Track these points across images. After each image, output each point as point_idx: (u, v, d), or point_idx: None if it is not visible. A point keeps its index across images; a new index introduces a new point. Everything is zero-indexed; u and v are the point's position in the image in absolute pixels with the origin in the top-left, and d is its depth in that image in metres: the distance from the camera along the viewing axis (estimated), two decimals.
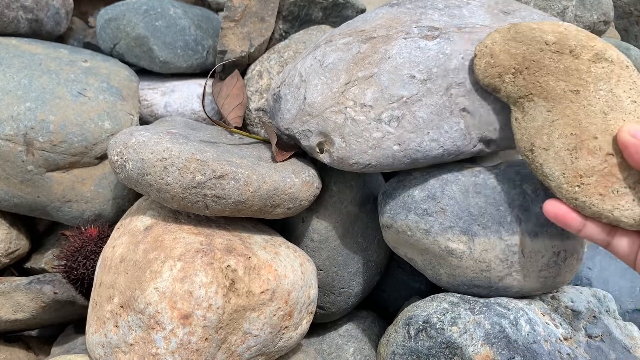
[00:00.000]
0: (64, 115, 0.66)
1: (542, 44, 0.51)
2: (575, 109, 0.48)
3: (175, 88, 0.77)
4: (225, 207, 0.54)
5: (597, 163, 0.47)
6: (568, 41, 0.50)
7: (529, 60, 0.51)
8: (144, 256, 0.51)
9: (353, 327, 0.71)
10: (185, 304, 0.48)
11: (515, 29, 0.52)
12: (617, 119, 0.47)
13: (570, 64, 0.49)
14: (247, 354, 0.53)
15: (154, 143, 0.53)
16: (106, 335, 0.51)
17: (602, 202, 0.46)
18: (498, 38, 0.53)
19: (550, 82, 0.50)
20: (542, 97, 0.50)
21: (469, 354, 0.53)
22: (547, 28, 0.51)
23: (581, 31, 0.51)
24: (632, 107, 0.47)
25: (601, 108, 0.48)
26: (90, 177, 0.68)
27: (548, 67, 0.50)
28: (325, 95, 0.57)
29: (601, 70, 0.49)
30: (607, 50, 0.49)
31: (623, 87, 0.48)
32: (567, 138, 0.48)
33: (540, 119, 0.50)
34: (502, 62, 0.52)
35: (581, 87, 0.49)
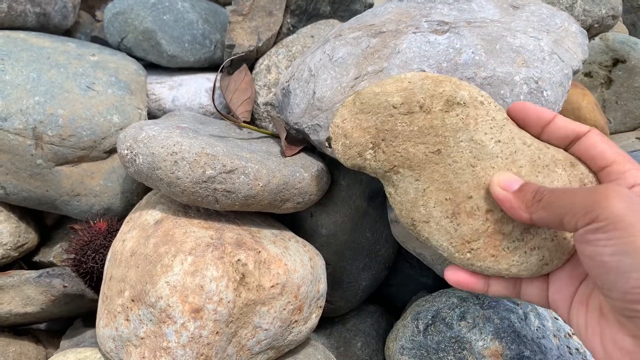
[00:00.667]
0: (73, 109, 0.66)
1: (390, 109, 0.46)
2: (442, 171, 0.45)
3: (183, 82, 0.77)
4: (235, 202, 0.54)
5: (480, 224, 0.43)
6: (415, 97, 0.45)
7: (383, 130, 0.46)
8: (155, 250, 0.51)
9: (361, 321, 0.71)
10: (196, 297, 0.48)
11: (359, 99, 0.47)
12: (486, 168, 0.43)
13: (423, 122, 0.45)
14: (257, 347, 0.53)
15: (164, 137, 0.53)
16: (117, 329, 0.52)
17: (496, 264, 0.44)
18: (347, 114, 0.48)
19: (410, 149, 0.45)
20: (407, 167, 0.46)
21: (478, 349, 0.53)
22: (390, 89, 0.46)
23: (426, 78, 0.46)
24: (498, 148, 0.44)
25: (467, 161, 0.44)
26: (99, 171, 0.68)
27: (402, 133, 0.46)
28: (334, 90, 0.57)
29: (456, 119, 0.44)
30: (457, 92, 0.45)
31: (483, 129, 0.44)
32: (443, 205, 0.44)
33: (412, 190, 0.46)
34: (358, 140, 0.47)
35: (441, 144, 0.44)
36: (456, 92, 0.45)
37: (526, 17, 0.59)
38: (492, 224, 0.43)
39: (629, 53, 0.83)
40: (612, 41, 0.84)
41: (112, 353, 0.52)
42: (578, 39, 0.65)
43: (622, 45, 0.83)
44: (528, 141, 0.44)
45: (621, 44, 0.83)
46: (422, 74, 0.46)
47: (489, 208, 0.43)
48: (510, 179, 0.42)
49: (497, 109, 0.45)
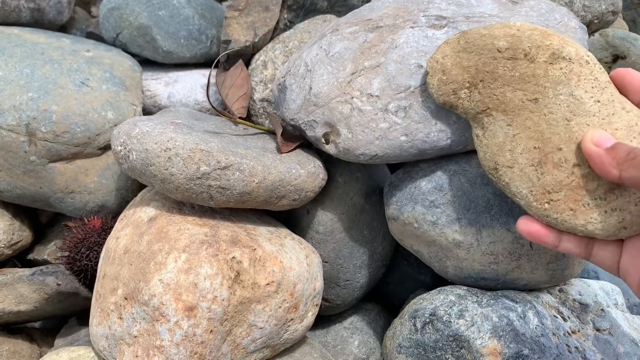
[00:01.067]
0: (67, 105, 0.65)
1: (494, 52, 0.47)
2: (536, 120, 0.45)
3: (178, 78, 0.77)
4: (230, 198, 0.53)
5: (564, 177, 0.43)
6: (521, 44, 0.46)
7: (483, 71, 0.47)
8: (148, 247, 0.51)
9: (358, 319, 0.70)
10: (190, 295, 0.48)
11: (465, 38, 0.48)
12: (580, 124, 0.43)
13: (526, 69, 0.46)
14: (253, 346, 0.52)
15: (157, 133, 0.52)
16: (110, 327, 0.51)
17: (574, 218, 0.43)
18: (448, 51, 0.49)
19: (507, 94, 0.46)
20: (501, 111, 0.46)
21: (477, 347, 0.52)
22: (498, 32, 0.47)
23: (535, 29, 0.47)
24: (596, 107, 0.44)
25: (563, 115, 0.44)
26: (94, 167, 0.67)
27: (503, 76, 0.46)
28: (331, 85, 0.57)
29: (559, 72, 0.45)
30: (564, 47, 0.45)
31: (584, 87, 0.44)
32: (531, 152, 0.45)
33: (501, 134, 0.46)
34: (455, 78, 0.48)
35: (540, 94, 0.45)
36: (563, 47, 0.45)
37: (525, 12, 0.58)
38: (577, 178, 0.43)
39: (629, 49, 0.82)
40: (612, 37, 0.83)
41: (105, 352, 0.52)
42: (578, 34, 0.64)
43: (622, 42, 0.82)
44: (628, 107, 0.44)
45: (621, 40, 0.82)
46: (532, 25, 0.47)
47: (576, 162, 0.43)
48: (604, 136, 0.41)
49: (601, 71, 0.45)
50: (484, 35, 0.47)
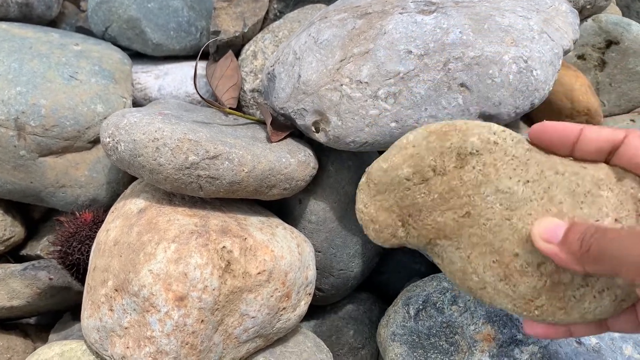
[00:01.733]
0: (56, 99, 0.65)
1: (404, 183, 0.43)
2: (479, 233, 0.40)
3: (168, 71, 0.76)
4: (220, 188, 0.53)
5: (536, 281, 0.39)
6: (424, 161, 0.42)
7: (405, 207, 0.43)
8: (138, 238, 0.50)
9: (353, 309, 0.70)
10: (180, 285, 0.47)
11: (371, 179, 0.44)
12: (523, 218, 0.39)
13: (442, 187, 0.41)
14: (245, 335, 0.52)
15: (145, 124, 0.52)
16: (101, 319, 0.51)
17: (568, 315, 0.39)
18: (365, 198, 0.45)
19: (438, 219, 0.42)
20: (443, 237, 0.42)
21: (470, 333, 0.52)
22: (397, 160, 0.43)
23: (431, 135, 0.42)
24: (529, 190, 0.39)
25: (501, 216, 0.39)
26: (84, 161, 0.67)
27: (424, 204, 0.42)
28: (320, 73, 0.56)
29: (474, 174, 0.40)
30: (466, 141, 0.41)
31: (507, 174, 0.40)
32: (493, 268, 0.40)
33: (457, 259, 0.42)
34: (386, 222, 0.45)
35: (468, 206, 0.41)
36: (465, 140, 0.41)
37: None
38: (549, 277, 0.39)
39: (622, 34, 0.81)
40: (605, 23, 0.82)
41: (96, 344, 0.52)
42: (569, 18, 0.64)
43: (615, 27, 0.82)
44: (560, 168, 0.39)
45: (614, 26, 0.82)
46: (425, 131, 0.42)
47: (539, 261, 0.39)
48: (551, 227, 0.37)
49: (515, 142, 0.40)
50: (386, 170, 0.43)
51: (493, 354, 0.51)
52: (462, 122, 0.41)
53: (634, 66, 0.82)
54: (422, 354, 0.54)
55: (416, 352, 0.55)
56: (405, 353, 0.55)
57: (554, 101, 0.75)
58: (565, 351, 0.52)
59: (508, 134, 0.41)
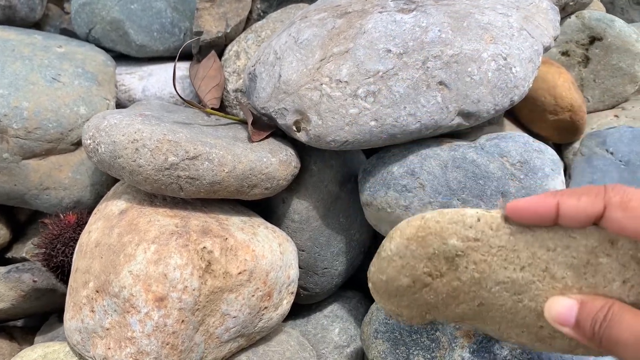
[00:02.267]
0: (38, 101, 0.65)
1: (409, 290, 0.41)
2: (499, 314, 0.40)
3: (152, 72, 0.76)
4: (200, 189, 0.53)
5: (568, 342, 0.39)
6: (417, 270, 0.40)
7: (420, 305, 0.42)
8: (119, 240, 0.50)
9: (338, 307, 0.70)
10: (160, 286, 0.47)
11: (376, 289, 0.43)
12: (533, 298, 0.38)
13: (445, 287, 0.40)
14: (227, 335, 0.52)
15: (125, 125, 0.52)
16: (83, 321, 0.51)
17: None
18: (381, 300, 0.44)
19: (457, 311, 0.41)
20: (467, 320, 0.42)
21: (450, 329, 0.52)
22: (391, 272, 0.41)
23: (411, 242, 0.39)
24: (528, 274, 0.37)
25: (512, 301, 0.39)
26: (68, 163, 0.67)
27: (437, 302, 0.41)
28: (300, 72, 0.56)
29: (470, 274, 0.39)
30: (447, 244, 0.38)
31: (501, 265, 0.38)
32: (525, 335, 0.40)
33: (490, 331, 0.42)
34: (410, 314, 0.44)
35: (478, 298, 0.40)
36: (445, 244, 0.39)
37: None
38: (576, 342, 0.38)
39: (605, 30, 0.82)
40: (588, 19, 0.83)
41: (79, 346, 0.52)
42: (549, 15, 0.64)
43: (599, 23, 0.82)
44: (551, 245, 0.37)
45: (597, 22, 0.82)
46: (403, 240, 0.40)
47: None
48: (562, 311, 0.36)
49: (495, 230, 0.38)
50: (387, 282, 0.41)
51: (473, 350, 0.51)
52: (434, 221, 0.39)
53: (617, 62, 0.82)
54: (405, 351, 0.55)
55: (399, 349, 0.55)
56: (387, 350, 0.55)
57: (537, 98, 0.76)
58: None
59: (484, 223, 0.38)
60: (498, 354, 0.51)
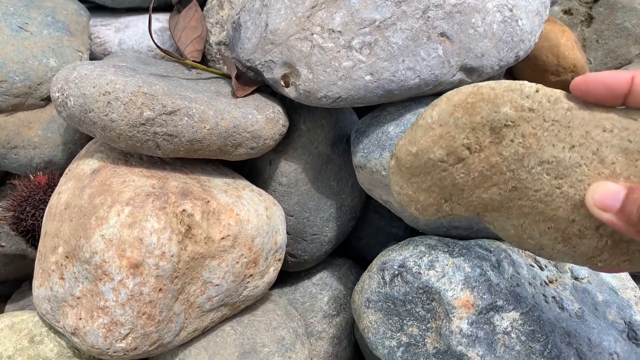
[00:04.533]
0: (3, 52, 0.59)
1: (439, 165, 0.39)
2: (530, 204, 0.37)
3: (129, 24, 0.71)
4: (179, 147, 0.48)
5: (596, 242, 0.36)
6: (457, 140, 0.38)
7: (445, 187, 0.40)
8: (90, 201, 0.46)
9: (328, 275, 0.67)
10: (135, 252, 0.43)
11: (402, 164, 0.40)
12: (574, 185, 0.36)
13: (481, 165, 0.38)
14: (209, 304, 0.48)
15: (96, 76, 0.47)
16: (52, 289, 0.47)
17: (634, 264, 0.37)
18: (400, 181, 0.41)
19: (483, 195, 0.39)
20: (491, 210, 0.39)
21: (448, 299, 0.49)
22: (425, 143, 0.38)
23: (456, 109, 0.37)
24: (576, 155, 0.35)
25: (551, 187, 0.36)
26: (37, 120, 0.62)
27: (466, 184, 0.39)
28: (289, 21, 0.52)
29: (514, 147, 0.37)
30: (498, 112, 0.36)
31: (550, 142, 0.36)
32: (549, 233, 0.38)
33: (510, 227, 0.39)
34: (428, 201, 0.41)
35: (514, 180, 0.37)
36: (496, 112, 0.36)
37: None
38: (609, 238, 0.36)
39: None
40: None
41: (48, 315, 0.48)
42: None
43: None
44: (608, 125, 0.34)
45: None
46: (449, 106, 0.38)
47: (598, 224, 0.36)
48: (607, 195, 0.34)
49: (552, 104, 0.35)
50: (417, 155, 0.39)
51: (472, 321, 0.48)
52: (489, 88, 0.37)
53: (622, 22, 0.78)
54: (398, 321, 0.52)
55: (391, 320, 0.52)
56: (380, 320, 0.52)
57: (539, 57, 0.71)
58: (548, 317, 0.49)
59: (543, 94, 0.36)
60: (498, 325, 0.48)
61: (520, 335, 0.48)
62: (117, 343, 0.44)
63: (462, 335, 0.48)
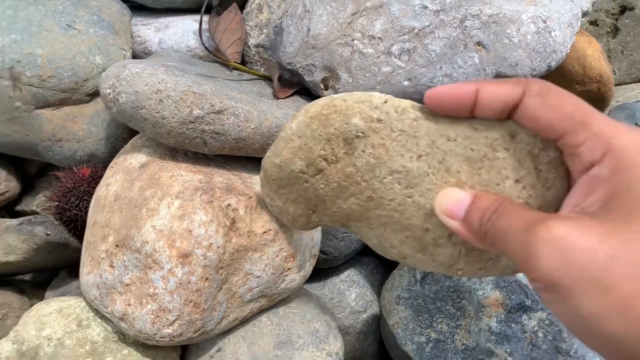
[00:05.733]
0: (53, 48, 0.62)
1: (300, 176, 0.41)
2: (386, 214, 0.39)
3: (169, 24, 0.73)
4: (225, 144, 0.51)
5: (451, 250, 0.38)
6: (313, 152, 0.39)
7: (308, 198, 0.42)
8: (140, 194, 0.49)
9: (355, 272, 0.69)
10: (184, 242, 0.46)
11: (268, 175, 0.43)
12: (424, 194, 0.37)
13: (338, 176, 0.39)
14: (249, 295, 0.51)
15: (148, 74, 0.50)
16: (101, 276, 0.49)
17: (488, 273, 0.38)
18: (270, 192, 0.45)
19: (343, 205, 0.40)
20: (353, 220, 0.41)
21: (478, 298, 0.51)
22: (287, 154, 0.40)
23: (313, 120, 0.39)
24: (423, 164, 0.36)
25: (402, 196, 0.37)
26: (82, 114, 0.64)
27: (326, 194, 0.41)
28: (330, 27, 0.54)
29: (365, 158, 0.38)
30: (349, 123, 0.38)
31: (398, 152, 0.37)
32: (408, 242, 0.39)
33: (373, 237, 0.41)
34: (297, 212, 0.44)
35: (368, 190, 0.39)
36: (347, 123, 0.38)
37: None
38: (462, 246, 0.38)
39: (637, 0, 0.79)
40: None
41: (96, 301, 0.50)
42: None
43: None
44: (452, 134, 0.36)
45: None
46: (306, 118, 0.39)
47: (449, 232, 0.37)
48: (453, 203, 0.35)
49: (399, 114, 0.37)
50: (280, 166, 0.41)
51: (501, 320, 0.50)
52: (341, 100, 0.38)
53: None
54: (428, 318, 0.54)
55: (421, 316, 0.54)
56: (410, 317, 0.54)
57: (566, 67, 0.73)
58: None
59: (390, 105, 0.37)
60: (526, 324, 0.50)
61: (547, 334, 0.50)
62: (164, 329, 0.46)
63: (491, 332, 0.50)
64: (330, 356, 0.52)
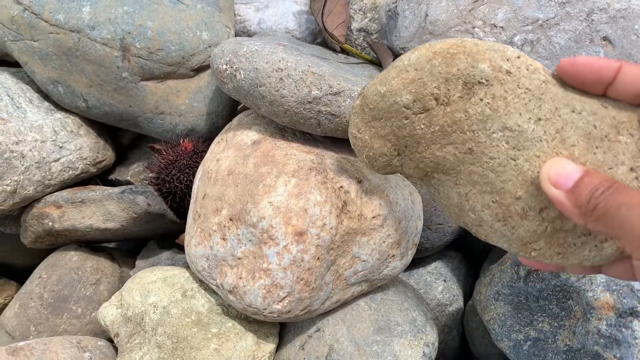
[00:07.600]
0: (162, 21, 0.63)
1: (402, 111, 0.39)
2: (480, 172, 0.37)
3: (269, 4, 0.73)
4: (339, 127, 0.51)
5: (536, 226, 0.36)
6: (426, 88, 0.37)
7: (402, 136, 0.40)
8: (255, 170, 0.49)
9: (442, 265, 0.69)
10: (300, 220, 0.46)
11: (367, 104, 0.40)
12: (530, 159, 0.35)
13: (444, 119, 0.37)
14: (354, 278, 0.51)
15: (268, 52, 0.50)
16: (212, 248, 0.50)
17: (565, 259, 0.37)
18: (359, 123, 0.42)
19: (437, 153, 0.38)
20: (441, 172, 0.39)
21: (587, 299, 0.50)
22: (396, 84, 0.38)
23: (435, 56, 0.37)
24: (539, 129, 0.35)
25: (506, 156, 0.36)
26: (185, 89, 0.65)
27: (424, 136, 0.39)
28: (450, 13, 0.53)
29: (481, 107, 0.36)
30: (475, 67, 0.36)
31: (517, 110, 0.35)
32: (491, 208, 0.37)
33: (455, 195, 0.39)
34: (381, 150, 0.42)
35: (471, 141, 0.37)
36: (474, 67, 0.36)
37: None
38: (550, 223, 0.36)
39: None
40: None
41: (204, 272, 0.51)
42: None
43: None
44: (577, 106, 0.34)
45: None
46: (429, 52, 0.37)
47: (542, 206, 0.36)
48: (563, 172, 0.33)
49: (530, 72, 0.35)
50: (384, 95, 0.39)
51: (611, 324, 0.49)
52: (473, 43, 0.36)
53: None
54: (528, 316, 0.53)
55: (521, 314, 0.53)
56: (508, 313, 0.54)
57: None
58: None
59: (523, 61, 0.36)
60: (637, 330, 0.49)
61: None
62: (275, 304, 0.46)
63: (599, 336, 0.49)
64: (427, 346, 0.52)
